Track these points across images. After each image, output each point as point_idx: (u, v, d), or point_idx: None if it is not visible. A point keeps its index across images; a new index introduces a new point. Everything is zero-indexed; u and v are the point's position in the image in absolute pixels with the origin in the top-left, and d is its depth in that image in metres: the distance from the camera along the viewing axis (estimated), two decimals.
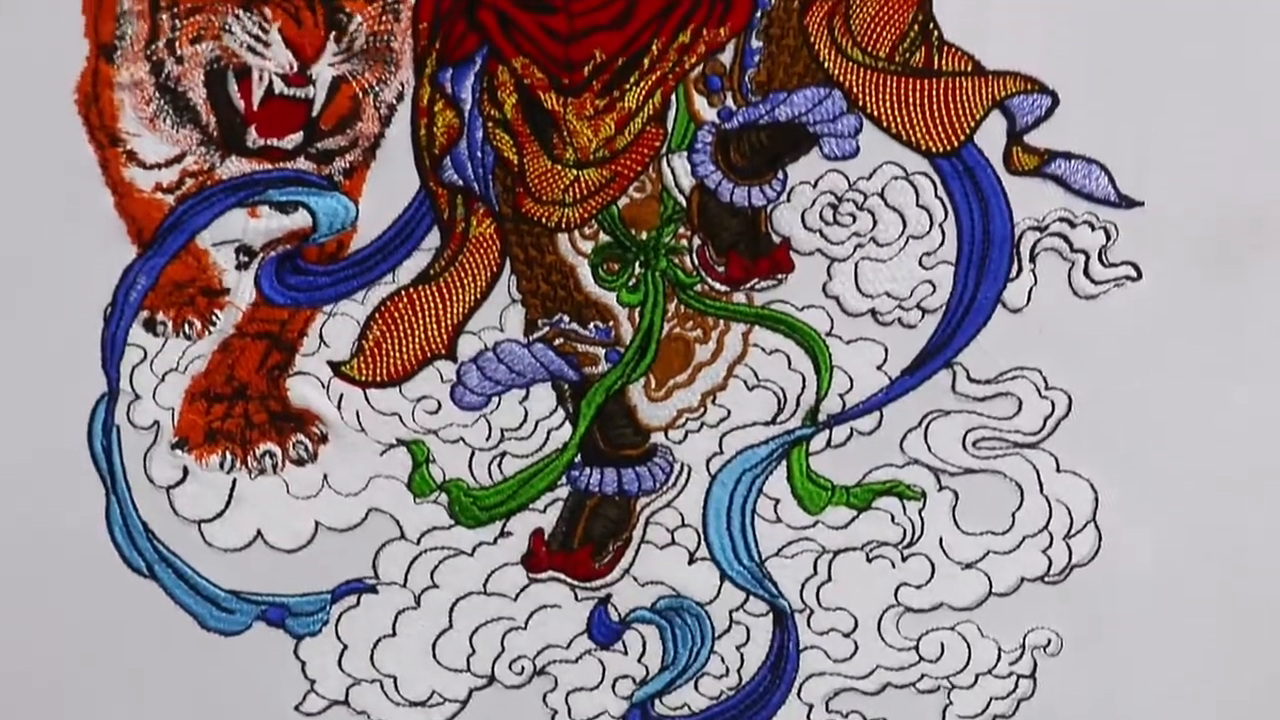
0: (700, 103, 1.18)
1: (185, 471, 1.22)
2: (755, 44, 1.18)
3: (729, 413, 1.22)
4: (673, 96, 1.18)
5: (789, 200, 1.19)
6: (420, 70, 1.18)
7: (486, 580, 1.23)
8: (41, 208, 1.19)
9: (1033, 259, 1.19)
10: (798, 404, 1.22)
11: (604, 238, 1.20)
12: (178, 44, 1.17)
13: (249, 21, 1.16)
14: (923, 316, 1.20)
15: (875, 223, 1.19)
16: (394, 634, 1.24)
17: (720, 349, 1.22)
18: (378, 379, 1.21)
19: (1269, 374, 1.21)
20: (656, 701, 1.25)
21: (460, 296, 1.20)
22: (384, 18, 1.17)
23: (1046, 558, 1.23)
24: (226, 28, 1.16)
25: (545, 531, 1.23)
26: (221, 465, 1.22)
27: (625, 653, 1.24)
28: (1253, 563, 1.23)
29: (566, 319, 1.21)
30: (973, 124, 1.18)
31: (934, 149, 1.18)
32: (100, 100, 1.18)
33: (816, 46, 1.17)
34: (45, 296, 1.20)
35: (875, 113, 1.18)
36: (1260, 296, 1.20)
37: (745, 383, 1.22)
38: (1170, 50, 1.18)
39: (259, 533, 1.22)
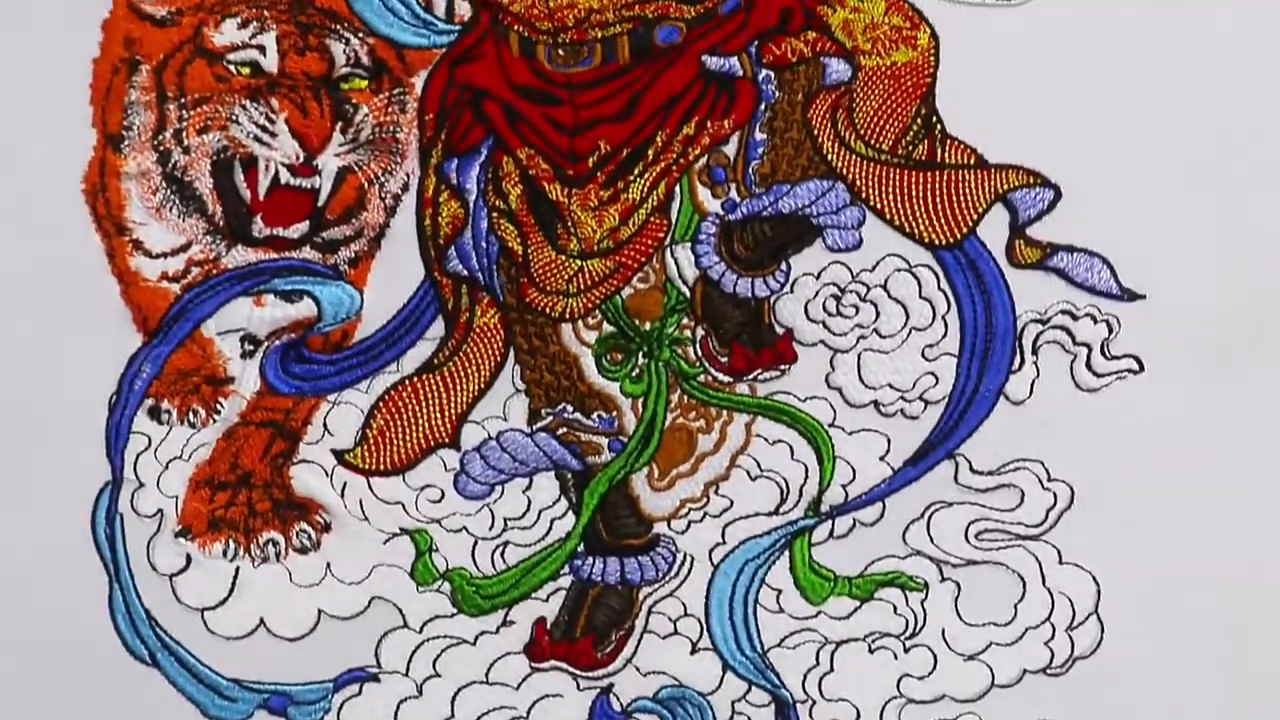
0: (704, 194, 1.19)
1: (188, 559, 1.22)
2: (759, 136, 1.18)
3: (732, 503, 1.22)
4: (677, 188, 1.19)
5: (792, 291, 1.20)
6: (426, 161, 1.18)
7: (489, 669, 1.23)
8: (47, 296, 1.20)
9: (1035, 351, 1.19)
10: (800, 494, 1.21)
11: (607, 328, 1.20)
12: (185, 134, 1.17)
13: (256, 112, 1.17)
14: (925, 408, 1.20)
15: (878, 314, 1.20)
16: None
17: (723, 439, 1.22)
18: (381, 467, 1.21)
19: (1270, 468, 1.21)
20: None
21: (464, 386, 1.20)
22: (390, 109, 1.18)
23: (1049, 650, 1.22)
24: (233, 118, 1.17)
25: (548, 621, 1.23)
26: (224, 553, 1.22)
27: None
28: (1253, 657, 1.23)
29: (570, 409, 1.21)
30: (975, 217, 1.18)
31: (937, 241, 1.19)
32: (107, 189, 1.19)
33: (820, 139, 1.18)
34: (50, 384, 1.20)
35: (878, 205, 1.18)
36: (1262, 390, 1.20)
37: (748, 473, 1.22)
38: (1172, 145, 1.18)
39: (262, 621, 1.22)
